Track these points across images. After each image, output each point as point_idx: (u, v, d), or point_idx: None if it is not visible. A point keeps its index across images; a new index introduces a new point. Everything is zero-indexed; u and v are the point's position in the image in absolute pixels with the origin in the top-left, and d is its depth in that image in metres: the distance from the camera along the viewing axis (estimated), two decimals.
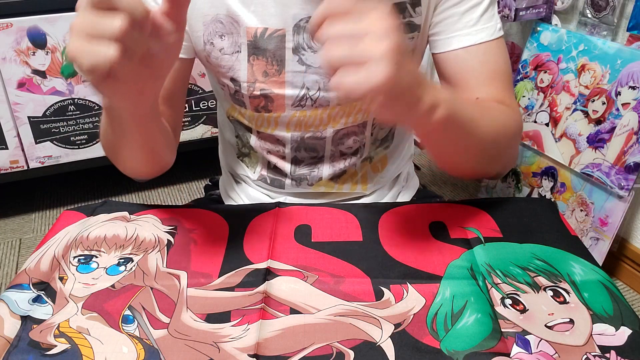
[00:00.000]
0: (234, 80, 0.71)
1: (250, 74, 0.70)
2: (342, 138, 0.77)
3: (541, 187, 1.50)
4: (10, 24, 1.42)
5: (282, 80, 0.70)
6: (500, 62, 0.70)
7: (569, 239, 0.62)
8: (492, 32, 0.69)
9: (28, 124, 1.55)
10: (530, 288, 0.55)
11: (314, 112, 0.73)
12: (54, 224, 0.66)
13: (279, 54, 0.68)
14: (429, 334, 0.50)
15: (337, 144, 0.78)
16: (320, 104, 0.72)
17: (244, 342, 0.49)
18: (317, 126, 0.75)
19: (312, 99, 0.72)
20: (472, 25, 0.68)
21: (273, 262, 0.58)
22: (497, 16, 0.71)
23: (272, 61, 0.69)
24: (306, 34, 0.67)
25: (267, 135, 0.78)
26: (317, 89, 0.71)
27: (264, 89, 0.71)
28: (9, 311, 0.52)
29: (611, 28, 1.32)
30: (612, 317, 0.51)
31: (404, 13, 0.68)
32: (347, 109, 0.73)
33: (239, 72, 0.70)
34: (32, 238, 1.69)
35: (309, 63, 0.69)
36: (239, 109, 0.77)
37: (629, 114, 1.24)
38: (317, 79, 0.70)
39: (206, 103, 1.71)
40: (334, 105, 0.72)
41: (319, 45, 0.66)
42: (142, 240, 0.62)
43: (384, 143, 0.82)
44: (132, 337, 0.50)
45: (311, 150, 0.78)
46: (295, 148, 0.78)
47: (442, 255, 0.59)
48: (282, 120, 0.75)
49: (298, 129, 0.75)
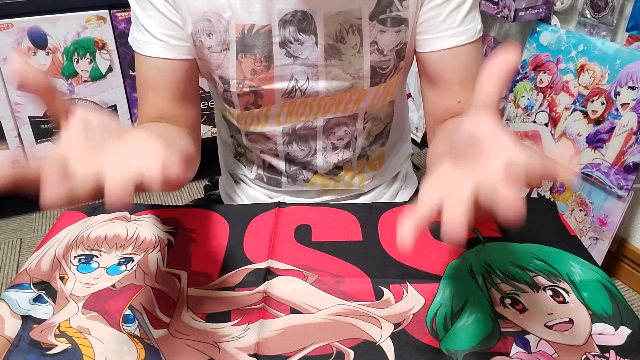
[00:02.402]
0: (222, 78, 0.72)
1: (239, 72, 0.70)
2: (332, 128, 0.77)
3: (541, 187, 1.50)
4: (11, 24, 1.42)
5: (271, 75, 0.70)
6: (480, 63, 0.71)
7: (568, 238, 0.62)
8: (474, 33, 0.69)
9: (29, 124, 1.55)
10: (529, 288, 0.55)
11: (304, 101, 0.74)
12: (55, 223, 0.66)
13: (267, 50, 0.69)
14: (428, 334, 0.50)
15: (329, 134, 0.78)
16: (310, 94, 0.73)
17: (244, 341, 0.49)
18: (307, 115, 0.75)
19: (301, 90, 0.72)
20: (456, 26, 0.69)
21: (273, 262, 0.59)
22: (478, 16, 0.71)
23: (261, 58, 0.69)
24: (292, 27, 0.68)
25: (256, 135, 0.78)
26: (306, 79, 0.71)
27: (253, 87, 0.71)
28: (10, 311, 0.52)
29: (610, 28, 1.32)
30: (612, 317, 0.51)
31: (390, 6, 0.69)
32: (336, 98, 0.74)
33: (228, 69, 0.70)
34: (32, 238, 1.69)
35: (296, 55, 0.69)
36: (229, 109, 0.77)
37: (628, 114, 1.24)
38: (304, 69, 0.70)
39: (206, 103, 1.71)
40: (322, 96, 0.73)
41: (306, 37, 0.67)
42: (142, 240, 0.62)
43: (379, 140, 0.82)
44: (133, 337, 0.50)
45: (303, 143, 0.78)
46: (287, 142, 0.78)
47: (442, 255, 0.59)
48: (272, 114, 0.75)
49: (289, 119, 0.76)
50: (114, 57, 1.56)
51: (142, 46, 0.69)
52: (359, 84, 0.73)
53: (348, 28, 0.69)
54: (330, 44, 0.69)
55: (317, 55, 0.69)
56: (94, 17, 1.49)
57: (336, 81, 0.72)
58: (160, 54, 0.69)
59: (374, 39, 0.70)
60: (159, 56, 0.69)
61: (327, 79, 0.72)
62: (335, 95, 0.73)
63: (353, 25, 0.69)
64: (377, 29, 0.70)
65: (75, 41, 1.50)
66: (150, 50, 0.69)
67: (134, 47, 0.71)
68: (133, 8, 0.70)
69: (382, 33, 0.70)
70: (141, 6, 0.68)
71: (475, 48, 0.70)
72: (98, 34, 1.52)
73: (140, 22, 0.69)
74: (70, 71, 1.53)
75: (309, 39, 0.68)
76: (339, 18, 0.68)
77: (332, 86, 0.72)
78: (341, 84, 0.72)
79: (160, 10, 0.67)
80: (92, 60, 1.54)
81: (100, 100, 1.60)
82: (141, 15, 0.68)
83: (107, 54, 1.55)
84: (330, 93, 0.73)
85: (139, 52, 0.70)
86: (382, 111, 0.80)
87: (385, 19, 0.70)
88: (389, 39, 0.71)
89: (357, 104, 0.75)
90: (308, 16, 0.67)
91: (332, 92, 0.73)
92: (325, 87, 0.72)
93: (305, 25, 0.68)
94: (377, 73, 0.73)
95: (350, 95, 0.74)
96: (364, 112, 0.77)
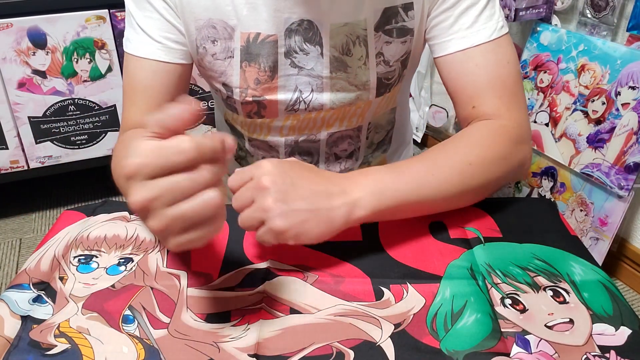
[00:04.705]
0: (226, 85, 0.70)
1: (243, 80, 0.69)
2: (336, 141, 0.76)
3: (541, 187, 1.50)
4: (11, 24, 1.42)
5: (275, 85, 0.69)
6: (500, 64, 0.66)
7: (568, 238, 0.62)
8: (491, 32, 0.65)
9: (28, 124, 1.55)
10: (530, 288, 0.55)
11: (308, 115, 0.72)
12: (54, 223, 0.66)
13: (272, 60, 0.67)
14: (428, 334, 0.50)
15: (332, 146, 0.77)
16: (314, 107, 0.71)
17: (244, 342, 0.49)
18: (310, 129, 0.74)
19: (305, 102, 0.71)
20: (468, 26, 0.66)
21: (273, 262, 0.58)
22: (498, 14, 0.67)
23: (265, 67, 0.68)
24: (297, 36, 0.66)
25: (259, 142, 0.77)
26: (310, 90, 0.70)
27: (256, 96, 0.70)
28: (9, 311, 0.52)
29: (611, 28, 1.32)
30: (612, 317, 0.51)
31: (395, 17, 0.67)
32: (341, 112, 0.73)
33: (231, 77, 0.69)
34: (32, 238, 1.69)
35: (301, 65, 0.68)
36: (232, 114, 0.76)
37: (628, 114, 1.24)
38: (309, 80, 0.69)
39: (206, 103, 1.71)
40: (327, 108, 0.72)
41: (311, 48, 0.66)
42: (142, 240, 0.62)
43: (381, 147, 0.82)
44: (132, 337, 0.50)
45: (305, 154, 0.77)
46: (289, 152, 0.77)
47: (442, 255, 0.59)
48: (275, 125, 0.74)
49: (292, 132, 0.74)
50: (114, 57, 1.56)
51: (137, 47, 0.67)
52: (364, 96, 0.71)
53: (354, 40, 0.67)
54: (336, 56, 0.68)
55: (323, 67, 0.68)
56: (93, 16, 1.49)
57: (341, 93, 0.70)
58: (156, 56, 0.67)
59: (380, 50, 0.69)
60: (154, 58, 0.67)
61: (331, 91, 0.70)
62: (340, 109, 0.72)
63: (359, 37, 0.67)
64: (383, 40, 0.68)
65: (75, 41, 1.50)
66: (146, 51, 0.67)
67: (127, 48, 0.69)
68: (129, 8, 0.68)
69: (388, 44, 0.69)
70: (139, 7, 0.67)
71: (493, 47, 0.66)
72: (98, 34, 1.52)
73: (137, 22, 0.67)
74: (70, 71, 1.53)
75: (315, 50, 0.67)
76: (345, 30, 0.66)
77: (337, 98, 0.70)
78: (346, 96, 0.71)
79: (160, 12, 0.66)
80: (91, 60, 1.54)
81: (100, 100, 1.60)
82: (138, 16, 0.67)
83: (107, 53, 1.55)
84: (335, 105, 0.71)
85: (132, 53, 0.68)
86: (384, 118, 0.79)
87: (391, 30, 0.68)
88: (394, 50, 0.69)
89: (361, 117, 0.74)
90: (314, 26, 0.66)
91: (336, 104, 0.71)
92: (330, 99, 0.70)
93: (311, 35, 0.66)
94: (383, 84, 0.71)
95: (355, 109, 0.73)
96: (367, 123, 0.76)
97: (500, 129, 0.64)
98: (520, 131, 0.65)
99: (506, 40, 0.67)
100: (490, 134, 0.63)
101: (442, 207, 0.61)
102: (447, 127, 2.10)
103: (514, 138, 0.64)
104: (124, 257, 0.60)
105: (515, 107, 0.66)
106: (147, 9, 0.66)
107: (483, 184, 0.61)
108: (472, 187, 0.60)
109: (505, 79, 0.66)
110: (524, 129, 0.66)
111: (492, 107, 0.66)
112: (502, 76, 0.66)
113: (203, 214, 0.39)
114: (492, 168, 0.61)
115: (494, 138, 0.63)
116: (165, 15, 0.66)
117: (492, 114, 0.66)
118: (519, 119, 0.66)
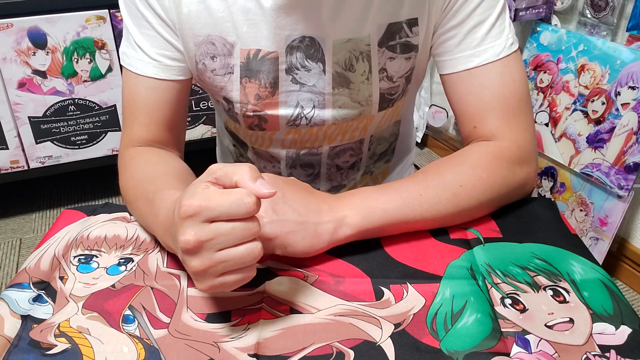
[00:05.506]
0: (226, 99, 0.70)
1: (243, 96, 0.68)
2: (338, 153, 0.75)
3: (541, 187, 1.50)
4: (11, 24, 1.42)
5: (276, 101, 0.68)
6: (506, 83, 0.64)
7: (568, 237, 0.62)
8: (499, 50, 0.64)
9: (28, 124, 1.55)
10: (530, 288, 0.55)
11: (309, 130, 0.71)
12: (54, 222, 0.66)
13: (273, 76, 0.66)
14: (428, 334, 0.50)
15: (334, 158, 0.76)
16: (316, 123, 0.70)
17: (244, 341, 0.49)
18: (312, 142, 0.73)
19: (306, 118, 0.70)
20: (476, 45, 0.64)
21: (273, 262, 0.58)
22: (508, 29, 0.65)
23: (265, 83, 0.67)
24: (299, 53, 0.65)
25: (262, 152, 0.77)
26: (312, 106, 0.69)
27: (257, 111, 0.69)
28: (9, 310, 0.52)
29: (611, 28, 1.32)
30: (612, 316, 0.51)
31: (400, 33, 0.66)
32: (343, 127, 0.72)
33: (232, 92, 0.69)
34: (32, 238, 1.69)
35: (302, 81, 0.67)
36: (234, 124, 0.75)
37: (628, 114, 1.24)
38: (311, 96, 0.68)
39: (206, 103, 1.71)
40: (329, 124, 0.71)
41: (313, 64, 0.66)
42: (142, 240, 0.62)
43: (383, 157, 0.81)
44: (133, 337, 0.50)
45: (307, 167, 0.77)
46: (290, 165, 0.77)
47: (442, 255, 0.59)
48: (276, 138, 0.73)
49: (293, 145, 0.74)
50: (114, 57, 1.56)
51: (134, 63, 0.67)
52: (367, 111, 0.70)
53: (357, 55, 0.66)
54: (339, 72, 0.67)
55: (325, 83, 0.67)
56: (93, 16, 1.49)
57: (343, 109, 0.69)
58: (152, 74, 0.67)
59: (383, 65, 0.68)
60: (151, 76, 0.67)
61: (334, 107, 0.69)
62: (342, 124, 0.71)
63: (362, 53, 0.66)
64: (387, 55, 0.67)
65: (75, 41, 1.50)
66: (144, 69, 0.67)
67: (125, 63, 0.68)
68: (126, 23, 0.67)
69: (392, 60, 0.67)
70: (136, 23, 0.66)
71: (499, 66, 0.64)
72: (98, 34, 1.52)
73: (134, 39, 0.66)
74: (70, 71, 1.53)
75: (316, 67, 0.66)
76: (348, 45, 0.65)
77: (339, 114, 0.70)
78: (349, 112, 0.70)
79: (157, 29, 0.65)
80: (91, 60, 1.54)
81: (100, 100, 1.60)
82: (135, 32, 0.66)
83: (107, 53, 1.55)
84: (337, 121, 0.70)
85: (130, 69, 0.67)
86: (387, 131, 0.78)
87: (395, 46, 0.67)
88: (398, 66, 0.68)
89: (364, 130, 0.73)
90: (316, 43, 0.65)
91: (339, 120, 0.70)
92: (332, 115, 0.69)
93: (313, 52, 0.65)
94: (386, 99, 0.70)
95: (357, 123, 0.72)
96: (370, 136, 0.76)
97: (497, 151, 0.63)
98: (520, 152, 0.64)
99: (514, 58, 0.65)
100: (486, 156, 0.63)
101: (434, 226, 0.61)
102: (447, 127, 2.10)
103: (512, 160, 0.63)
104: (124, 257, 0.60)
105: (518, 127, 0.65)
106: (144, 25, 0.65)
107: (475, 206, 0.61)
108: (463, 208, 0.60)
109: (509, 98, 0.64)
110: (526, 150, 0.65)
111: (493, 127, 0.65)
112: (506, 96, 0.64)
113: (246, 262, 0.44)
114: (485, 190, 0.61)
115: (489, 160, 0.62)
116: (162, 33, 0.65)
117: (492, 134, 0.65)
118: (520, 139, 0.65)
